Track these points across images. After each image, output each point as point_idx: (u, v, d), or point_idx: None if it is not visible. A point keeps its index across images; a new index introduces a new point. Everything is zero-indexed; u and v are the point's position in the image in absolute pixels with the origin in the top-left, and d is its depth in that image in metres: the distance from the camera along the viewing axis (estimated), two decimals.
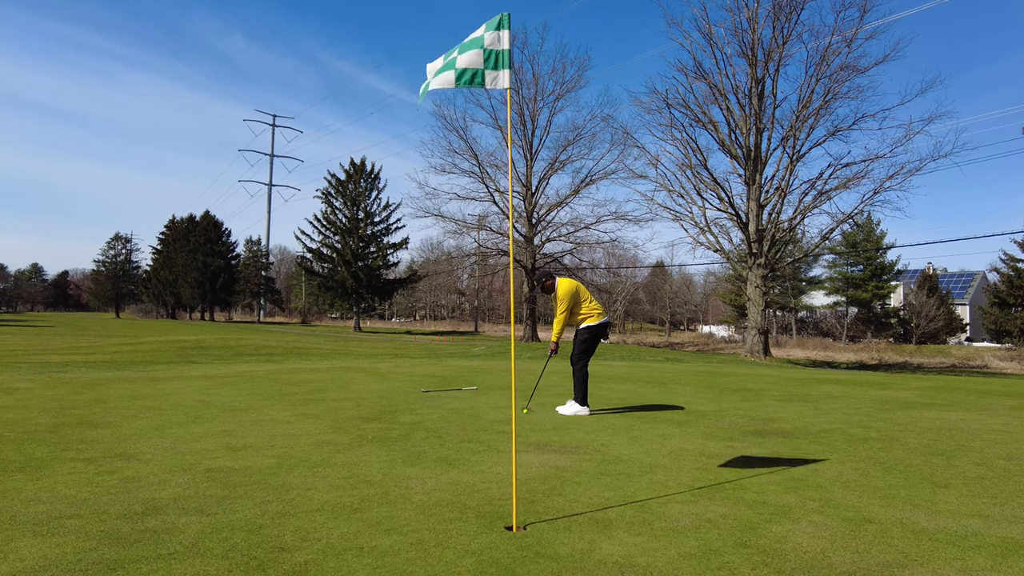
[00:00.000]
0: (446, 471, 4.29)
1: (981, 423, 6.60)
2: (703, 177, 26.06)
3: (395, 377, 10.89)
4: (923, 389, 10.13)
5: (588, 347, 6.99)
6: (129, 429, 5.56)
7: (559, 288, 6.90)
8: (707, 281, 73.64)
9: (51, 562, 2.63)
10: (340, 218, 52.30)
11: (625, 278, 59.80)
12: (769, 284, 28.54)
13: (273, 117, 72.50)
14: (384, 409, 7.04)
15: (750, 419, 6.73)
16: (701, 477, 4.23)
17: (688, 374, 12.97)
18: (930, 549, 2.96)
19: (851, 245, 53.33)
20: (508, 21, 3.43)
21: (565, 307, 6.86)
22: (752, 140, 25.03)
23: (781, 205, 25.40)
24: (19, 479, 3.87)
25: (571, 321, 7.03)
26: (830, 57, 23.87)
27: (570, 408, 6.89)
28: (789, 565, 2.75)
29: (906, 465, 4.65)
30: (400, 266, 60.23)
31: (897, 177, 23.29)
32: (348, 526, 3.15)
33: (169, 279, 72.42)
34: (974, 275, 62.01)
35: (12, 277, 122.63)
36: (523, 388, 9.45)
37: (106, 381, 9.41)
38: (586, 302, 6.98)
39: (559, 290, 6.90)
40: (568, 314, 6.93)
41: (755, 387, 10.13)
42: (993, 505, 3.67)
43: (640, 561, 2.77)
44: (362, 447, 5.00)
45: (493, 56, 3.45)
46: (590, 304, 6.98)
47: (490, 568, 2.67)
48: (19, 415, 6.20)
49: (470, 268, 49.09)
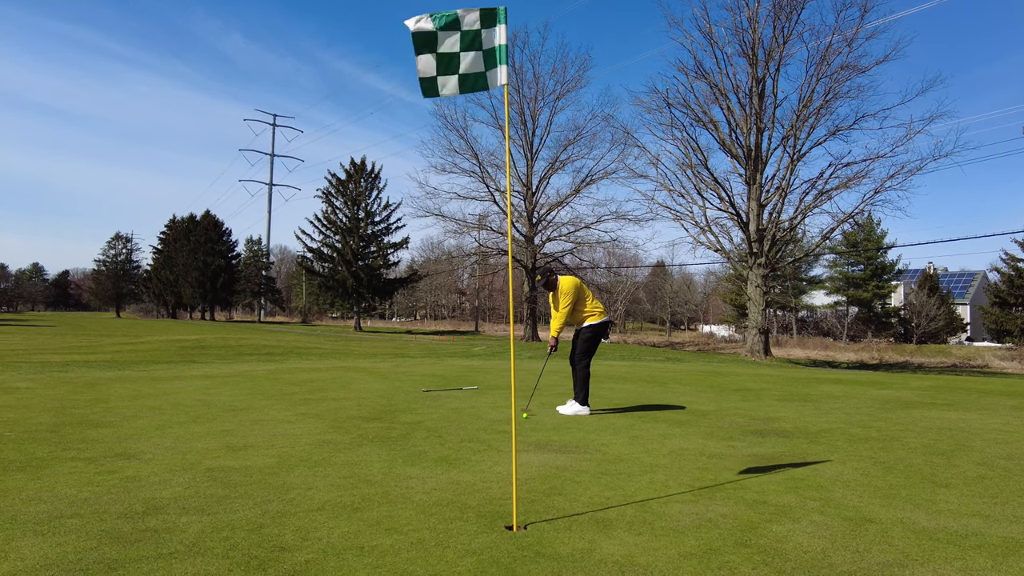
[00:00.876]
0: (446, 471, 4.29)
1: (982, 423, 6.60)
2: (704, 177, 26.06)
3: (395, 377, 10.89)
4: (924, 389, 10.13)
5: (590, 346, 6.98)
6: (130, 429, 5.56)
7: (563, 284, 6.89)
8: (707, 281, 73.67)
9: (52, 561, 2.63)
10: (340, 218, 52.31)
11: (626, 278, 59.78)
12: (770, 284, 28.52)
13: (274, 117, 72.54)
14: (384, 409, 7.04)
15: (750, 419, 6.73)
16: (701, 477, 4.23)
17: (688, 374, 12.96)
18: (931, 549, 2.96)
19: (852, 245, 53.30)
20: (505, 15, 3.42)
21: (569, 301, 6.84)
22: (753, 140, 25.01)
23: (782, 205, 25.40)
24: (20, 478, 3.88)
25: (573, 319, 7.02)
26: (831, 56, 23.87)
27: (571, 408, 6.89)
28: (790, 565, 2.75)
29: (907, 465, 4.65)
30: (400, 266, 60.30)
31: (898, 177, 23.30)
32: (348, 525, 3.15)
33: (170, 279, 72.43)
34: (975, 275, 61.95)
35: (13, 277, 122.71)
36: (523, 388, 9.46)
37: (107, 381, 9.41)
38: (589, 300, 6.97)
39: (563, 285, 6.88)
40: (571, 311, 6.91)
41: (755, 387, 10.12)
42: (994, 505, 3.67)
43: (640, 561, 2.77)
44: (362, 447, 5.00)
45: (492, 55, 3.45)
46: (592, 302, 6.98)
47: (490, 567, 2.67)
48: (20, 414, 6.20)
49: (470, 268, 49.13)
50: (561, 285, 6.90)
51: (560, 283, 6.92)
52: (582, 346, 6.98)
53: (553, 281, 6.98)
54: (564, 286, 6.88)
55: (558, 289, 6.92)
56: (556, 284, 6.94)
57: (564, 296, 6.86)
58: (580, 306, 6.95)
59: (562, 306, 6.87)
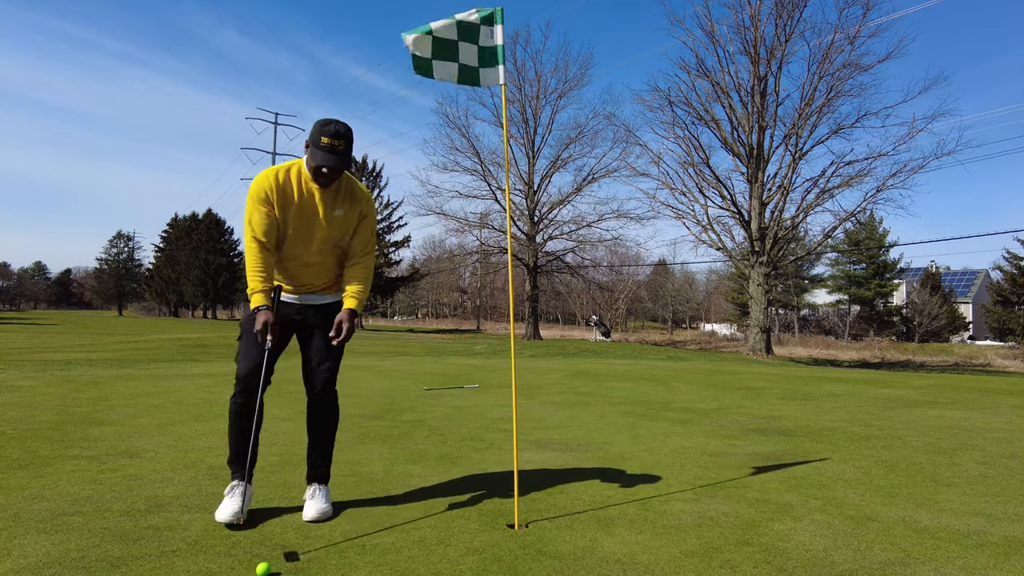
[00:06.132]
0: (448, 469, 4.29)
1: (984, 421, 6.59)
2: (705, 175, 26.07)
3: (397, 375, 10.90)
4: (926, 387, 10.12)
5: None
6: (132, 427, 5.57)
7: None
8: (709, 279, 73.63)
9: (54, 559, 2.63)
10: None
11: (627, 276, 59.76)
12: (771, 282, 28.51)
13: (275, 115, 72.38)
14: (386, 407, 7.05)
15: (752, 417, 6.73)
16: (703, 475, 4.23)
17: (690, 372, 12.96)
18: (932, 547, 2.96)
19: (854, 243, 53.23)
20: (502, 16, 3.43)
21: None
22: (755, 138, 24.99)
23: (783, 203, 25.38)
24: (22, 476, 3.88)
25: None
26: (833, 54, 23.85)
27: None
28: (791, 563, 2.75)
29: (908, 463, 4.65)
30: (402, 264, 60.26)
31: (900, 175, 23.31)
32: (350, 524, 3.16)
33: (172, 277, 72.52)
34: (977, 273, 61.82)
35: (15, 275, 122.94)
36: (525, 386, 9.46)
37: (109, 379, 9.43)
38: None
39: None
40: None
41: (757, 385, 10.12)
42: (996, 504, 3.66)
43: (642, 559, 2.77)
44: (364, 445, 5.01)
45: (488, 54, 3.45)
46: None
47: (492, 566, 2.68)
48: (22, 412, 6.22)
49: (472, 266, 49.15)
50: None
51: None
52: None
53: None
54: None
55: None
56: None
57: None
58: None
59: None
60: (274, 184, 3.16)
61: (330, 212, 3.25)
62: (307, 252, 3.29)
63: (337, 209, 3.26)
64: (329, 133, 3.08)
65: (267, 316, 3.10)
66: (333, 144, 3.08)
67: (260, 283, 3.15)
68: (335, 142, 3.08)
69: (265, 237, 3.16)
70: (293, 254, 3.29)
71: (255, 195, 3.17)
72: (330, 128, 3.09)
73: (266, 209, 3.17)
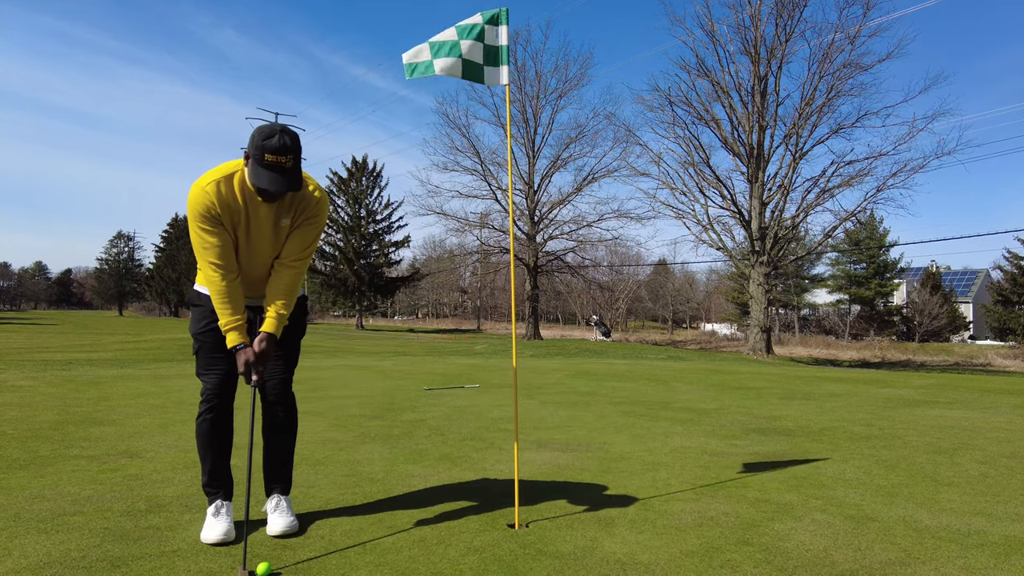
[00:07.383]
0: (448, 469, 4.29)
1: (984, 421, 6.59)
2: (706, 175, 26.07)
3: (397, 375, 10.90)
4: (926, 387, 10.11)
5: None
6: (132, 427, 5.57)
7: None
8: (710, 279, 73.61)
9: (55, 559, 2.64)
10: (342, 216, 52.35)
11: (627, 276, 59.75)
12: (772, 282, 28.51)
13: (275, 115, 72.52)
14: (386, 407, 7.05)
15: (752, 417, 6.73)
16: (703, 475, 4.23)
17: (690, 372, 12.96)
18: (933, 547, 2.96)
19: (854, 243, 53.22)
20: (507, 16, 3.42)
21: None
22: (755, 138, 24.99)
23: (784, 203, 25.38)
24: (23, 476, 3.89)
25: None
26: (833, 54, 23.85)
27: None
28: (791, 563, 2.75)
29: (909, 463, 4.65)
30: (402, 264, 60.29)
31: (900, 175, 23.31)
32: (351, 523, 3.16)
33: (172, 277, 72.53)
34: (977, 273, 61.80)
35: (16, 275, 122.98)
36: (525, 386, 9.46)
37: (109, 379, 9.43)
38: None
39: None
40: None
41: (757, 385, 10.12)
42: (996, 503, 3.66)
43: (642, 559, 2.77)
44: (364, 445, 5.01)
45: (492, 53, 3.44)
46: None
47: (492, 565, 2.68)
48: (23, 412, 6.22)
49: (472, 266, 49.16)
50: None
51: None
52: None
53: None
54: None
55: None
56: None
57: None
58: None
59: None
60: (216, 200, 2.75)
61: (278, 223, 2.90)
62: (255, 265, 2.99)
63: (284, 219, 2.91)
64: (272, 148, 2.61)
65: (247, 355, 2.79)
66: (279, 162, 2.62)
67: (230, 316, 2.80)
68: (281, 158, 2.62)
69: (222, 260, 2.80)
70: (241, 268, 2.97)
71: (198, 213, 2.75)
72: (272, 143, 2.61)
73: (216, 229, 2.78)
